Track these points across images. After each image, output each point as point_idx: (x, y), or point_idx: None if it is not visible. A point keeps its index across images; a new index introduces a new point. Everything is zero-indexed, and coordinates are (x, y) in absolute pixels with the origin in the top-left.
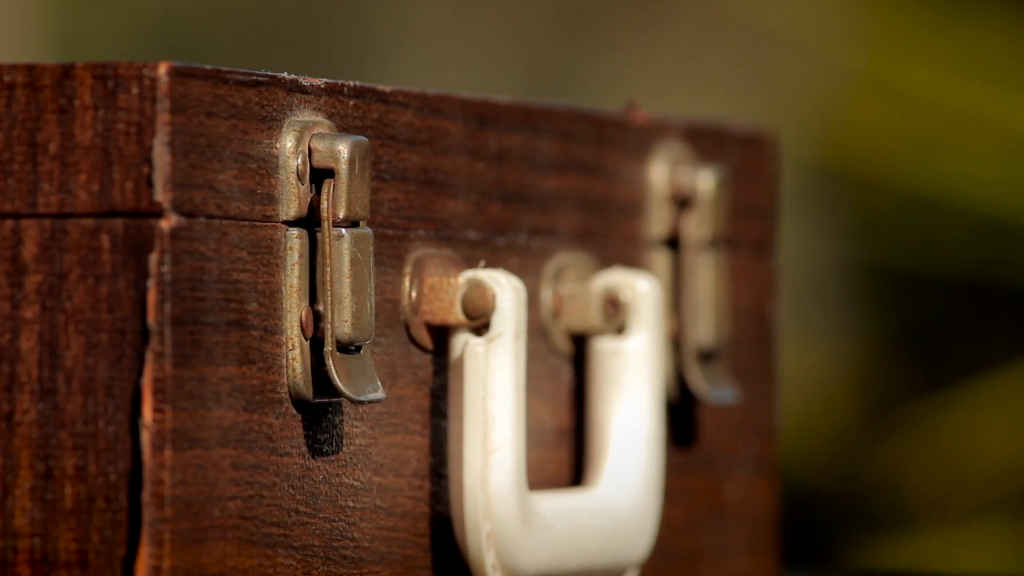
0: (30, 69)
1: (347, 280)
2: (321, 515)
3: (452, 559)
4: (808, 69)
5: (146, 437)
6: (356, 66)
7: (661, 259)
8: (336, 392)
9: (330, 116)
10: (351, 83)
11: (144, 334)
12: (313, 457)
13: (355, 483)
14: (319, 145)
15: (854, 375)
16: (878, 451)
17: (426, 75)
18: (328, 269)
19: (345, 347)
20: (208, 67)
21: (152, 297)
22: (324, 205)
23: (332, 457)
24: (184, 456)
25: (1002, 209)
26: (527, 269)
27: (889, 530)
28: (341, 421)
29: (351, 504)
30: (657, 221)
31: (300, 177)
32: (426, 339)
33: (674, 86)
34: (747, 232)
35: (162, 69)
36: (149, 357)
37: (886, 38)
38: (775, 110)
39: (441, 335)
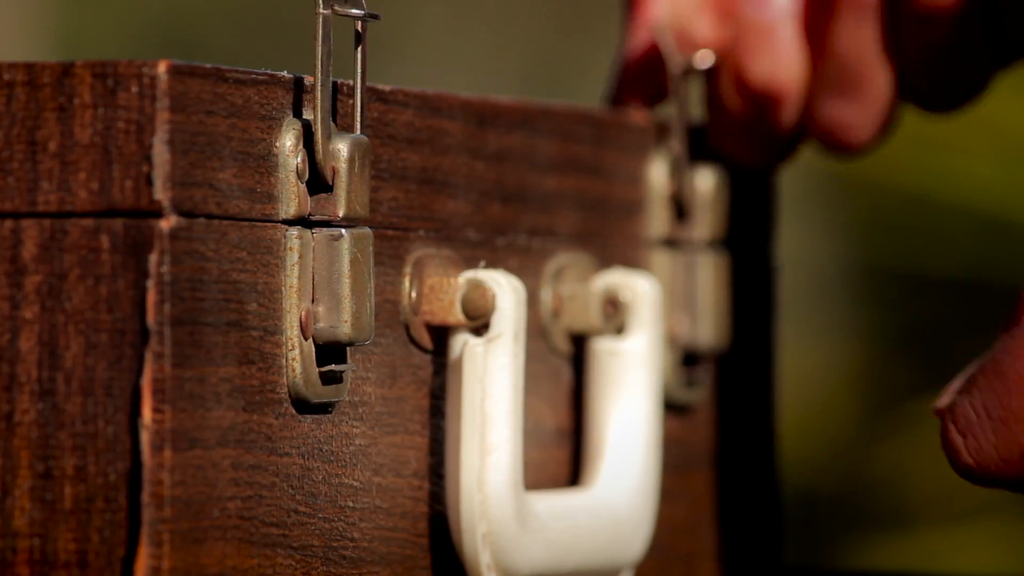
0: (29, 67)
1: (347, 280)
2: (321, 515)
3: (452, 559)
4: None
5: (145, 437)
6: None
7: (661, 259)
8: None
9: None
10: (350, 82)
11: (144, 334)
12: (313, 457)
13: (355, 483)
14: None
15: (854, 375)
16: (878, 451)
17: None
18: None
19: (344, 347)
20: (207, 65)
21: (152, 297)
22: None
23: (332, 457)
24: (184, 456)
25: (1002, 209)
26: (527, 269)
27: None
28: (341, 421)
29: (351, 504)
30: (657, 221)
31: (300, 176)
32: (426, 339)
33: None
34: (747, 232)
35: (162, 67)
36: (149, 357)
37: None
38: None
39: (441, 335)
